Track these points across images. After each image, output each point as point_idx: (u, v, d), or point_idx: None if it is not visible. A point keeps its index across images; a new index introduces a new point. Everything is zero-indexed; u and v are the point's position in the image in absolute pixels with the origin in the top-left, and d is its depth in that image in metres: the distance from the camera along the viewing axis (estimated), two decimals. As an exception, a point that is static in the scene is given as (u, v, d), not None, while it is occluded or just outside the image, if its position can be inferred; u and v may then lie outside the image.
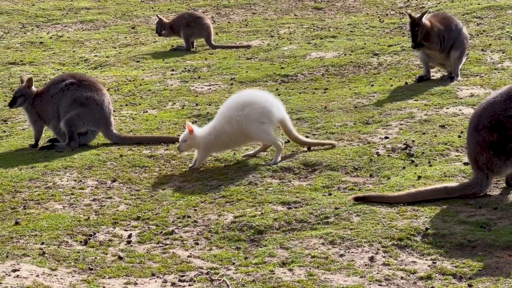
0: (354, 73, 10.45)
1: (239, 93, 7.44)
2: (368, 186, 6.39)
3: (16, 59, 12.49)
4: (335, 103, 8.94)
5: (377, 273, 4.92)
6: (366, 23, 13.71)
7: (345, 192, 6.31)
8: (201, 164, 7.16)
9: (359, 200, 5.97)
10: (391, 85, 9.52)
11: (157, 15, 13.61)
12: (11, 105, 8.28)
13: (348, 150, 7.18)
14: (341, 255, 5.18)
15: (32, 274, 4.98)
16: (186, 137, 7.12)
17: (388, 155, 6.99)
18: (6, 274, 4.95)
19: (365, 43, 11.94)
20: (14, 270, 5.00)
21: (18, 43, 13.84)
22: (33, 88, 8.24)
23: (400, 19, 13.91)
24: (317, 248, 5.30)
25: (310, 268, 5.03)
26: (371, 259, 5.10)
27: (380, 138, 7.53)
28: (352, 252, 5.21)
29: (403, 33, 12.59)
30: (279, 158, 7.04)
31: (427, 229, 5.43)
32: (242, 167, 6.99)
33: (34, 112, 8.20)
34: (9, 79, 11.21)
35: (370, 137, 7.59)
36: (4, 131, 8.77)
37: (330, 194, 6.26)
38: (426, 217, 5.63)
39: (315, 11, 15.83)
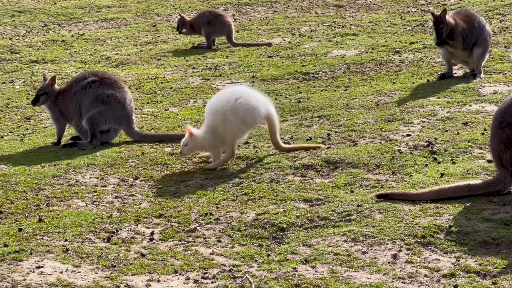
0: (375, 70, 10.42)
1: (226, 88, 7.29)
2: (391, 184, 6.37)
3: (38, 58, 12.57)
4: (357, 100, 8.91)
5: (400, 271, 4.90)
6: (387, 21, 13.65)
7: (367, 189, 6.29)
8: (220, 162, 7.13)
9: (382, 197, 5.95)
10: (413, 83, 9.47)
11: (179, 13, 13.63)
12: (34, 103, 8.32)
13: (370, 147, 7.15)
14: (364, 253, 5.16)
15: (56, 271, 5.01)
16: (187, 141, 7.05)
17: (410, 153, 6.95)
18: (31, 271, 4.98)
19: (386, 41, 11.90)
20: (38, 267, 5.03)
21: (40, 41, 13.92)
22: (56, 86, 8.28)
23: (422, 16, 13.84)
24: (339, 246, 5.28)
25: (332, 266, 5.01)
26: (394, 256, 5.08)
27: (402, 135, 7.49)
28: (375, 250, 5.19)
29: (425, 30, 12.54)
30: (217, 166, 6.99)
31: (450, 226, 5.39)
32: (264, 165, 6.97)
33: (56, 110, 8.23)
34: (31, 77, 11.28)
35: (392, 134, 7.56)
36: (27, 129, 8.83)
37: (352, 192, 6.24)
38: (449, 215, 5.59)
39: (336, 8, 15.80)
